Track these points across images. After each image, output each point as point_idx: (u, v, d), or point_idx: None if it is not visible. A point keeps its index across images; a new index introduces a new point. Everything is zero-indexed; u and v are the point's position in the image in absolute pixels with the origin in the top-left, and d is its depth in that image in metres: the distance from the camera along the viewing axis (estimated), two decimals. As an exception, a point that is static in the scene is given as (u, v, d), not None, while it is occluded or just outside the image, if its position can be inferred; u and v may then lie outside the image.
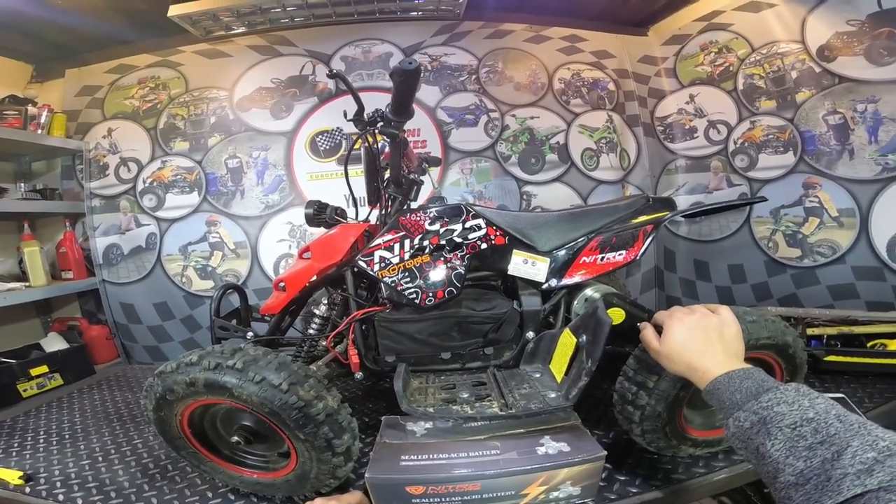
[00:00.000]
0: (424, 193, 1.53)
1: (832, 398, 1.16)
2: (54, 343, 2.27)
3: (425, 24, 2.61)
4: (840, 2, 2.03)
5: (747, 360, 0.85)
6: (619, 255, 1.29)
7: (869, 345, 1.64)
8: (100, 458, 1.45)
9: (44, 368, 2.08)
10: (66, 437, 1.62)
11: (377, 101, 1.29)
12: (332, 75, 1.18)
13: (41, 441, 1.60)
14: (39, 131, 2.30)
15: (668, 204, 1.38)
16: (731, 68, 2.42)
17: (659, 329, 0.93)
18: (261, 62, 2.57)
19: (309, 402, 0.98)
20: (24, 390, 1.99)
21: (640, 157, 2.71)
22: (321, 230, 1.44)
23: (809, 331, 1.70)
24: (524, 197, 2.58)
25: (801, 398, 0.65)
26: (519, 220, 1.33)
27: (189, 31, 2.37)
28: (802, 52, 2.16)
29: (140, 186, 2.52)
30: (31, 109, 2.27)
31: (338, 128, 2.53)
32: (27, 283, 2.23)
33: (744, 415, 0.69)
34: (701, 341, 0.84)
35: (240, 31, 2.47)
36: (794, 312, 1.83)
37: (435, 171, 2.48)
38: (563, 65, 2.68)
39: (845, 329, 1.68)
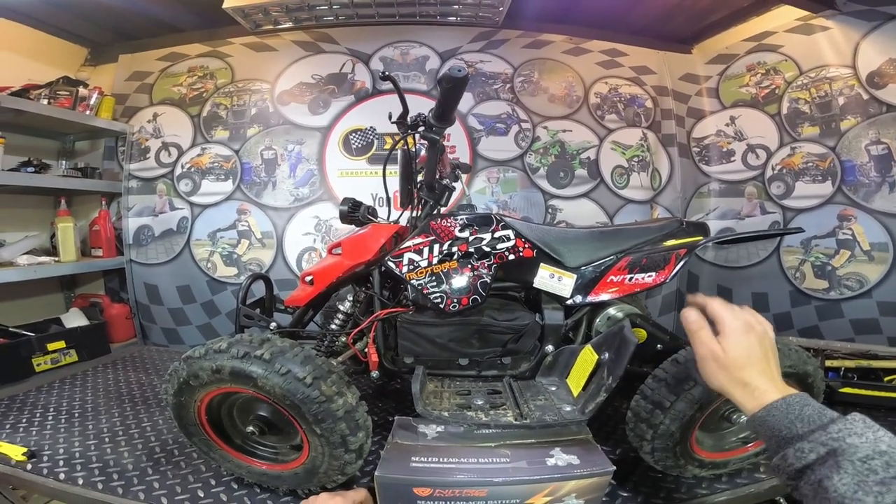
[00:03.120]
0: (453, 199, 1.54)
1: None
2: (74, 319, 2.31)
3: (463, 30, 2.63)
4: (896, 27, 1.98)
5: None
6: (649, 276, 1.28)
7: (886, 379, 1.63)
8: (106, 439, 1.45)
9: (61, 344, 2.10)
10: (76, 415, 1.63)
11: (412, 104, 1.30)
12: (384, 77, 1.19)
13: (49, 418, 1.60)
14: (88, 112, 2.38)
15: (702, 229, 1.36)
16: (776, 91, 2.37)
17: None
18: (303, 58, 2.62)
19: (330, 397, 0.99)
20: (38, 364, 2.00)
21: (673, 178, 2.66)
22: (349, 227, 1.46)
23: (828, 362, 1.69)
24: (549, 210, 2.56)
25: (868, 430, 0.61)
26: (548, 234, 1.33)
27: (240, 23, 2.43)
28: (852, 77, 2.12)
29: (178, 171, 2.59)
30: (83, 91, 2.34)
31: (371, 127, 2.55)
32: (57, 258, 2.27)
33: (809, 446, 0.62)
34: (760, 355, 0.74)
35: (287, 25, 2.53)
36: (815, 344, 1.81)
37: (464, 178, 2.49)
38: (601, 79, 2.66)
39: (864, 363, 1.67)
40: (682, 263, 1.28)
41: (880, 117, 2.03)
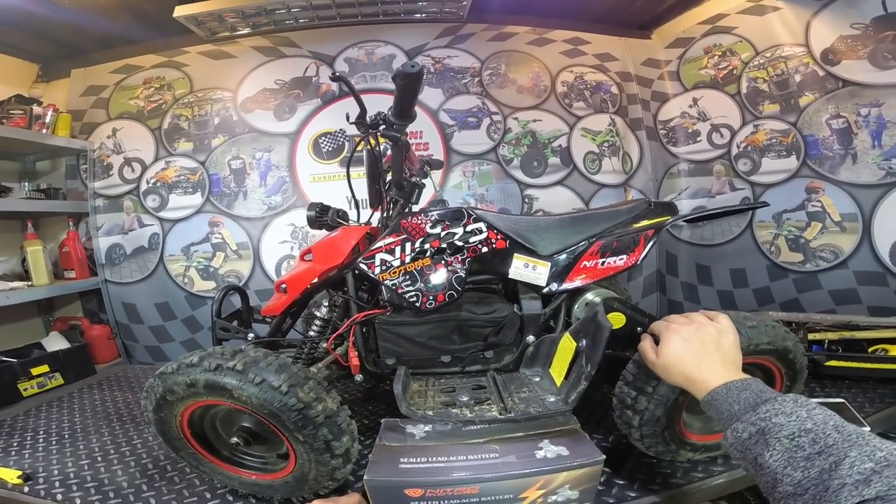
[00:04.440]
0: (426, 196, 1.53)
1: (831, 403, 1.15)
2: (55, 342, 2.27)
3: (429, 27, 2.62)
4: (845, 5, 2.02)
5: (747, 365, 0.85)
6: (620, 259, 1.29)
7: (870, 350, 1.64)
8: (99, 458, 1.45)
9: (45, 368, 2.08)
10: (66, 436, 1.63)
11: (380, 103, 1.30)
12: (334, 78, 1.18)
13: (41, 440, 1.60)
14: (44, 131, 2.30)
15: (670, 209, 1.38)
16: (734, 72, 2.41)
17: (657, 340, 0.93)
18: (265, 63, 2.58)
19: (308, 403, 0.98)
20: (25, 389, 1.99)
21: (643, 161, 2.70)
22: (323, 232, 1.44)
23: (811, 336, 1.70)
24: (526, 200, 2.58)
25: (799, 409, 0.66)
26: (520, 223, 1.33)
27: (194, 31, 2.38)
28: (806, 55, 2.15)
29: (144, 187, 2.53)
30: (37, 109, 2.27)
31: (341, 130, 2.53)
32: (30, 283, 2.23)
33: (742, 426, 0.69)
34: (698, 352, 0.84)
35: (244, 32, 2.48)
36: (795, 317, 1.82)
37: (437, 174, 2.49)
38: (566, 67, 2.68)
39: (847, 334, 1.67)
40: (651, 244, 1.29)
41: (837, 92, 2.07)
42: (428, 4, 2.44)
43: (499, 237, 1.29)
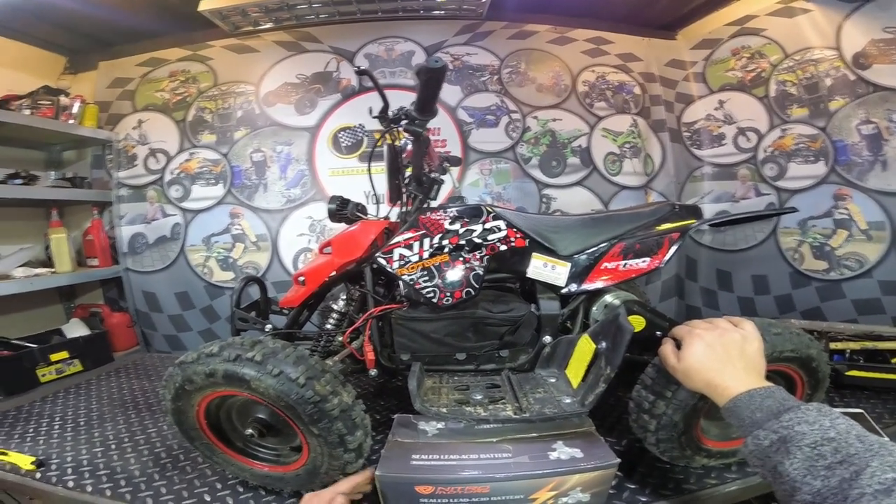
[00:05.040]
0: (444, 193, 1.53)
1: (851, 413, 1.12)
2: (76, 329, 2.31)
3: (448, 24, 2.61)
4: (877, 8, 1.98)
5: (769, 372, 0.84)
6: (643, 262, 1.27)
7: (892, 360, 1.60)
8: (112, 446, 1.47)
9: (64, 354, 2.11)
10: (81, 423, 1.64)
11: (399, 99, 1.30)
12: (360, 72, 1.18)
13: (56, 427, 1.62)
14: (71, 121, 2.35)
15: (695, 212, 1.35)
16: (763, 74, 2.36)
17: (678, 344, 0.92)
18: (287, 58, 2.60)
19: (325, 397, 0.98)
20: (43, 375, 2.02)
21: (665, 163, 2.66)
22: (341, 226, 1.45)
23: (832, 345, 1.66)
24: (543, 200, 2.56)
25: (823, 418, 0.65)
26: (540, 223, 1.32)
27: (219, 25, 2.41)
28: (837, 59, 2.10)
29: (167, 177, 2.57)
30: (64, 100, 2.32)
31: (360, 124, 2.54)
32: (53, 269, 2.28)
33: (763, 433, 0.69)
34: (721, 358, 0.84)
35: (267, 26, 2.50)
36: (817, 326, 1.79)
37: (455, 171, 2.48)
38: (588, 67, 2.65)
39: (869, 344, 1.64)
40: (675, 247, 1.26)
41: (868, 97, 2.02)
42: (447, 1, 2.43)
43: (518, 235, 1.28)
